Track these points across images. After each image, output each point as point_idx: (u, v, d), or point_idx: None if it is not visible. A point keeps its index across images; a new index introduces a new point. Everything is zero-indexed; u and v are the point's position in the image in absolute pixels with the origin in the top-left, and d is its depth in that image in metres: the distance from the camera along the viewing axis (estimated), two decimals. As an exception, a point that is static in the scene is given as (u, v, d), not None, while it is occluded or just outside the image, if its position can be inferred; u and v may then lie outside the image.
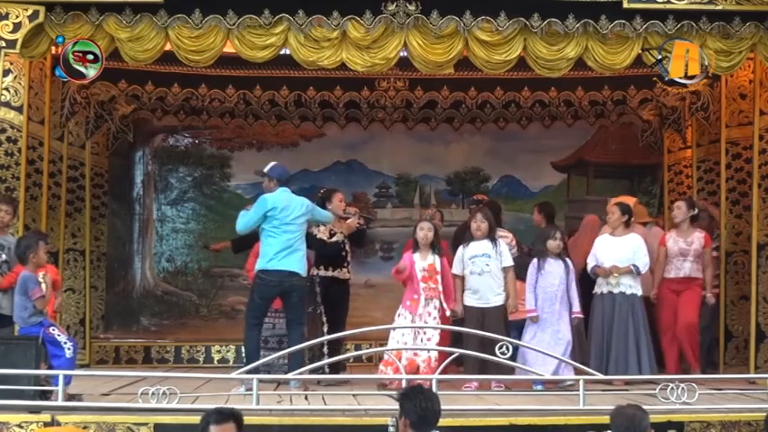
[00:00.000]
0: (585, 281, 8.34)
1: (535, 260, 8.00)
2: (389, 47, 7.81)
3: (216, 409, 4.67)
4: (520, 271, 8.67)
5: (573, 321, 7.84)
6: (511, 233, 8.71)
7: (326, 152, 11.13)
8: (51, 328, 6.57)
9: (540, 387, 7.39)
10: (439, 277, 7.73)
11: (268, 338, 8.44)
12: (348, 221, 8.15)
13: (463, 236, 8.58)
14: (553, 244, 7.92)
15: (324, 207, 8.06)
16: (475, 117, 10.86)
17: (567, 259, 7.98)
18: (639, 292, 8.20)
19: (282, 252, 7.49)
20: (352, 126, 10.92)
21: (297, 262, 7.54)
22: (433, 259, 7.77)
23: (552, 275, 7.87)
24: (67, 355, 6.50)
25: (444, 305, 7.73)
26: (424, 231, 7.79)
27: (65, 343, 6.53)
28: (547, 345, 7.65)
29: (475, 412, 6.25)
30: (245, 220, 7.68)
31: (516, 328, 8.68)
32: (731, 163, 8.99)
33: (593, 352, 8.06)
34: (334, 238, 8.12)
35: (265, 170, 7.83)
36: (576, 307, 7.87)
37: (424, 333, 7.61)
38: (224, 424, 4.47)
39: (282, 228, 7.52)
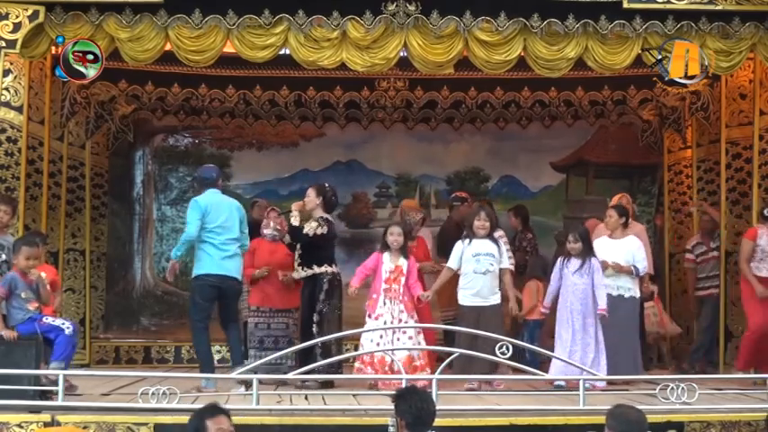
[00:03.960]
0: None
1: (560, 259, 8.03)
2: (389, 47, 7.81)
3: (209, 404, 4.73)
4: (533, 270, 8.70)
5: (597, 316, 7.76)
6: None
7: (326, 152, 11.13)
8: (44, 318, 6.53)
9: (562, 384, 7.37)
10: (403, 278, 7.83)
11: (263, 338, 8.44)
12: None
13: (451, 233, 8.67)
14: (568, 246, 7.94)
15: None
16: (475, 117, 10.86)
17: (593, 259, 7.90)
18: (638, 295, 8.20)
19: (222, 258, 7.52)
20: (352, 126, 10.92)
21: (235, 267, 7.61)
22: (402, 262, 7.87)
23: (573, 275, 7.86)
24: (67, 333, 6.46)
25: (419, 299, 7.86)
26: (395, 236, 7.89)
27: (62, 323, 6.50)
28: (570, 343, 7.67)
29: (474, 412, 6.25)
30: (190, 229, 7.55)
31: (538, 327, 8.74)
32: (731, 163, 8.99)
33: None
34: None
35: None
36: (602, 304, 7.74)
37: (403, 333, 7.69)
38: (219, 416, 4.53)
39: (217, 232, 7.52)
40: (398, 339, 7.71)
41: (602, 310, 7.72)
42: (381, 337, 7.71)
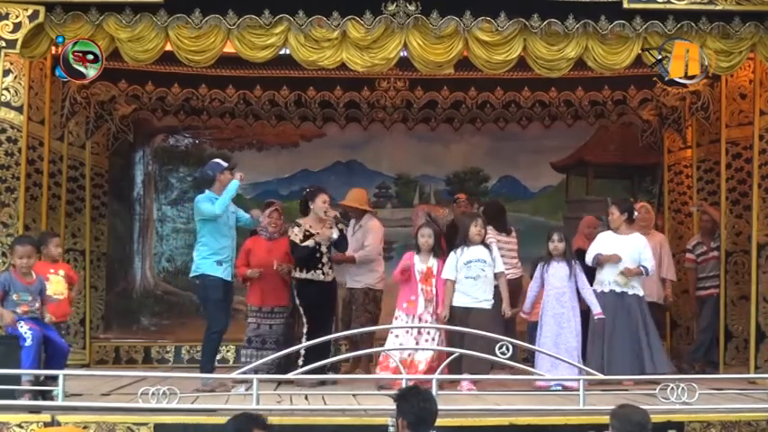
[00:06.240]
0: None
1: (540, 263, 8.04)
2: (389, 47, 7.81)
3: (257, 414, 4.67)
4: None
5: (596, 322, 7.83)
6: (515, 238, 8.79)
7: (326, 152, 11.13)
8: (18, 324, 6.50)
9: (558, 387, 7.38)
10: (434, 280, 7.83)
11: (251, 338, 8.45)
12: (325, 231, 8.05)
13: (451, 236, 8.66)
14: (551, 246, 7.97)
15: (307, 206, 8.19)
16: (475, 117, 10.86)
17: (573, 261, 7.96)
18: (642, 294, 8.17)
19: None
20: (352, 126, 10.92)
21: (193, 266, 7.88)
22: (433, 263, 7.89)
23: (556, 277, 7.89)
24: (26, 345, 6.39)
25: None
26: (425, 238, 7.94)
27: (25, 333, 6.43)
28: (553, 345, 7.67)
29: (474, 412, 6.26)
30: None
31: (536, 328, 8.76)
32: (731, 163, 8.98)
33: (594, 351, 7.98)
34: (305, 243, 8.03)
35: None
36: (597, 309, 7.83)
37: (428, 333, 7.69)
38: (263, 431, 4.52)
39: None
40: (429, 335, 7.73)
41: (598, 314, 7.80)
42: (398, 336, 7.73)
